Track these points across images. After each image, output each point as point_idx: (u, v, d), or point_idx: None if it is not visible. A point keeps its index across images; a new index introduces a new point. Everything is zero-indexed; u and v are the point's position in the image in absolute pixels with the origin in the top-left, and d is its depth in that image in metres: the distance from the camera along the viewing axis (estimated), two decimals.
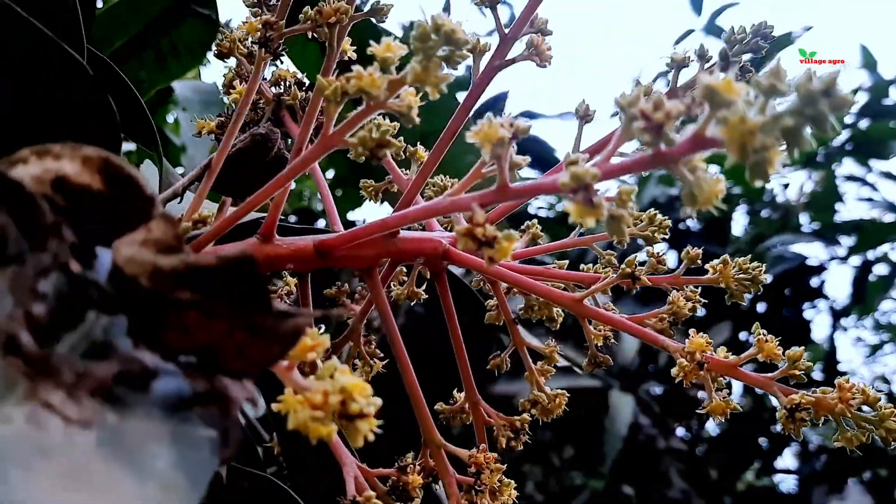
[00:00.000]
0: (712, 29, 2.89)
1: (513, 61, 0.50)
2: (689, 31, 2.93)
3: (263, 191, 0.43)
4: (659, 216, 0.59)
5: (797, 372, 0.47)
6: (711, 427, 3.81)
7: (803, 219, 3.14)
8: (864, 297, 3.05)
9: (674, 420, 3.46)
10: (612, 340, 0.56)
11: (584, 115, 0.59)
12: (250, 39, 0.56)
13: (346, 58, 0.53)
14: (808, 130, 0.27)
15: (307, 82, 0.60)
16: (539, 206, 3.24)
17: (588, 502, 3.03)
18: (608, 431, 2.72)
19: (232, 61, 0.58)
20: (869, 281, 3.00)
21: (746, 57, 0.53)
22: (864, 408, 0.45)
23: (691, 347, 0.47)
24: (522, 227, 0.63)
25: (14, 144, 0.30)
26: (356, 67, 0.37)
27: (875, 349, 3.96)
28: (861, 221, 3.19)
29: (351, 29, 0.52)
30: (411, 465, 0.48)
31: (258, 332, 0.29)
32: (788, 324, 3.20)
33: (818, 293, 3.14)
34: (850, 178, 3.31)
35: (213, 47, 0.58)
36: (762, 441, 3.72)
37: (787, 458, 3.79)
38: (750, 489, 3.63)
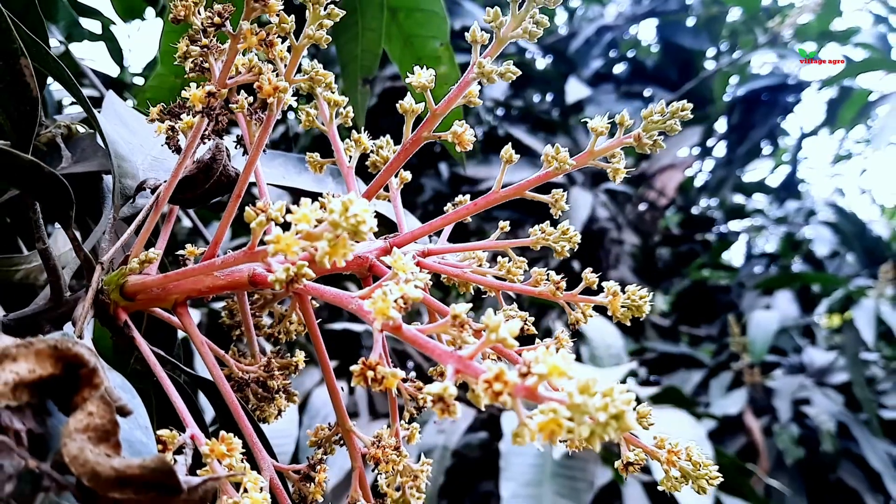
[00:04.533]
0: None
1: (439, 137, 0.53)
2: None
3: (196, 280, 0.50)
4: (571, 231, 0.66)
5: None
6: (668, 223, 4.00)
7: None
8: (835, 118, 3.10)
9: (632, 209, 3.63)
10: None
11: None
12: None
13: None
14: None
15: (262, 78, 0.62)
16: None
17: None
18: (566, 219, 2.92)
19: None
20: (843, 105, 3.03)
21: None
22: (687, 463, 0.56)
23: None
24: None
25: None
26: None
27: (839, 159, 4.06)
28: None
29: None
30: (321, 465, 0.59)
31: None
32: (756, 133, 3.27)
33: (791, 109, 3.18)
34: None
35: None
36: (711, 236, 3.94)
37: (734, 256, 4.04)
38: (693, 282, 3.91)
